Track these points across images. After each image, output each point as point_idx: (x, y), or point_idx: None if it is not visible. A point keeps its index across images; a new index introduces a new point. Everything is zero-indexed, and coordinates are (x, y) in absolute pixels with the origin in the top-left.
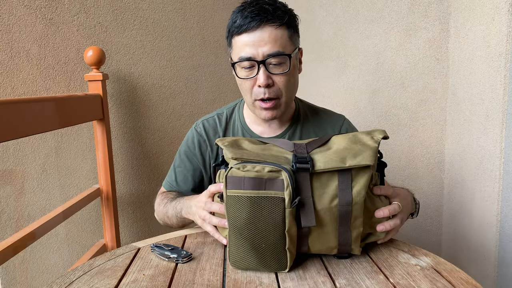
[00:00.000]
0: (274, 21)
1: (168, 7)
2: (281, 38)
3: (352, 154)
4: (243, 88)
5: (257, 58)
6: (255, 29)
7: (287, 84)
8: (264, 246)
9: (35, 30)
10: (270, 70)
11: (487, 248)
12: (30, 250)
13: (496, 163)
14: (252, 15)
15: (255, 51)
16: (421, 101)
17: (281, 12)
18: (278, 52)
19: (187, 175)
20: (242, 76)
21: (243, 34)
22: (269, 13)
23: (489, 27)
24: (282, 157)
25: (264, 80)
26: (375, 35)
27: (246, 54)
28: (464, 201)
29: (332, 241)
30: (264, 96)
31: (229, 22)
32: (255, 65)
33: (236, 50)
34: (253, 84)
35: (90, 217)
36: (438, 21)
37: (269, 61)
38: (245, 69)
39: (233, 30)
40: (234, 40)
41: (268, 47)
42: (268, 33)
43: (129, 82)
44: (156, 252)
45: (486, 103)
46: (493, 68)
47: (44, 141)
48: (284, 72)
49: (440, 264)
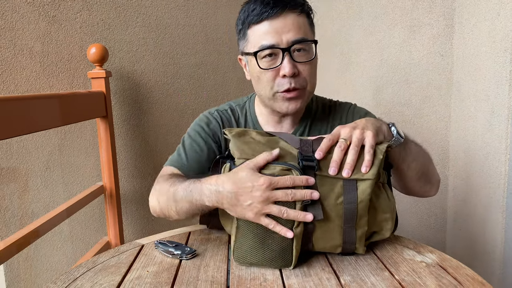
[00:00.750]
0: (296, 8)
1: (171, 4)
2: (303, 25)
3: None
4: (263, 80)
5: (281, 45)
6: (278, 15)
7: (311, 73)
8: (270, 242)
9: (38, 27)
10: (295, 58)
11: (492, 245)
12: (34, 247)
13: (502, 160)
14: (274, 1)
15: (279, 38)
16: (426, 98)
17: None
18: (303, 39)
19: (200, 154)
20: (264, 66)
21: (263, 22)
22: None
23: (494, 22)
24: (288, 153)
25: (290, 68)
26: (379, 31)
27: (269, 42)
28: (469, 198)
29: (337, 239)
30: (290, 86)
31: (242, 13)
32: (278, 54)
33: (254, 40)
34: (275, 74)
35: (93, 215)
36: (442, 17)
37: (294, 48)
38: (266, 60)
39: (250, 19)
40: (251, 30)
41: (292, 34)
42: (291, 19)
43: (132, 80)
44: (160, 248)
45: (492, 99)
46: (498, 64)
47: (48, 138)
48: (309, 60)
49: (446, 261)
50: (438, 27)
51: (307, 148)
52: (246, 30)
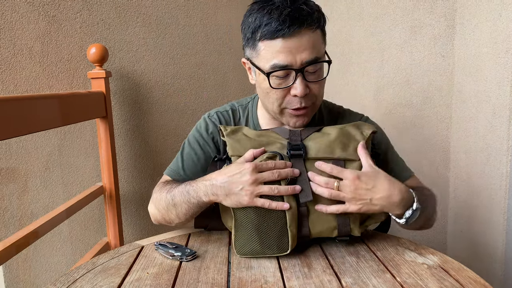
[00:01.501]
0: (312, 24)
1: (171, 4)
2: (317, 43)
3: (341, 146)
4: (272, 96)
5: (294, 66)
6: (294, 34)
7: (321, 90)
8: (265, 226)
9: (37, 27)
10: (307, 78)
11: (493, 247)
12: (33, 248)
13: (503, 161)
14: (292, 19)
15: (293, 59)
16: (426, 99)
17: (317, 13)
18: (316, 59)
19: (197, 163)
20: (275, 85)
21: (278, 39)
22: (308, 15)
23: (496, 23)
24: (277, 143)
25: (302, 90)
26: (380, 32)
27: (282, 61)
28: (470, 199)
29: (331, 221)
30: (300, 106)
31: (252, 21)
32: (290, 73)
33: (266, 56)
34: (286, 92)
35: (93, 215)
36: (443, 17)
37: (307, 69)
38: (277, 78)
39: (264, 33)
40: (263, 44)
41: (307, 54)
42: (306, 38)
43: (132, 80)
44: (160, 250)
45: (493, 100)
46: (500, 65)
47: (47, 139)
48: (319, 80)
49: (448, 263)
50: (439, 27)
51: (295, 137)
52: (257, 42)
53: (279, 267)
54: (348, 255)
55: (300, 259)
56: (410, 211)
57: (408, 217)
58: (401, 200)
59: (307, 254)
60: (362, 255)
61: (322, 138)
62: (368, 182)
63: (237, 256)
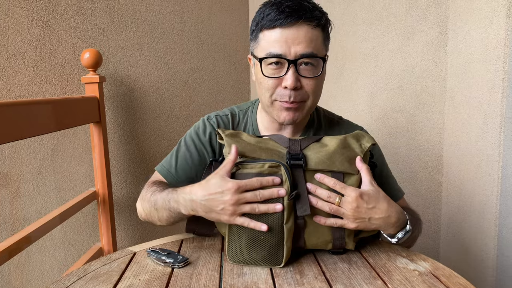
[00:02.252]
0: (312, 20)
1: (166, 9)
2: (316, 40)
3: (341, 159)
4: (264, 86)
5: (288, 57)
6: (291, 25)
7: (315, 89)
8: (262, 238)
9: (31, 32)
10: (300, 72)
11: (486, 252)
12: (26, 253)
13: (495, 167)
14: (290, 10)
15: (287, 49)
16: (419, 104)
17: (319, 12)
18: (312, 54)
19: (191, 165)
20: (267, 73)
21: (276, 29)
22: (308, 11)
23: (487, 30)
24: (276, 152)
25: (292, 82)
26: (373, 38)
27: (276, 50)
28: (462, 205)
29: (327, 234)
30: (288, 100)
31: (258, 14)
32: (284, 64)
33: (263, 45)
34: (278, 83)
35: (86, 220)
36: (436, 24)
37: (301, 61)
38: (271, 67)
39: (264, 23)
40: (262, 34)
41: (302, 47)
42: (304, 31)
43: (126, 85)
44: (152, 256)
45: (485, 106)
46: (491, 72)
47: (40, 143)
48: (314, 76)
49: (439, 269)
50: (432, 34)
51: (295, 147)
52: (258, 33)
53: (271, 274)
54: (340, 262)
55: (292, 265)
56: (402, 232)
57: (400, 237)
58: (396, 221)
59: (299, 260)
60: (354, 261)
61: (322, 149)
62: (370, 201)
63: (229, 263)
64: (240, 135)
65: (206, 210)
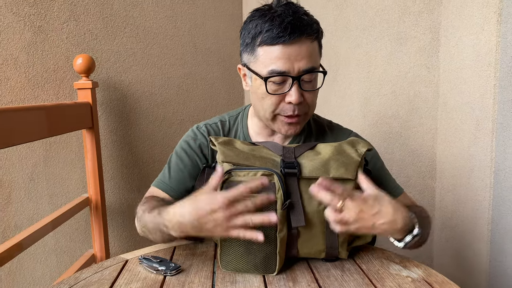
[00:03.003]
0: (312, 34)
1: (160, 15)
2: (314, 53)
3: (336, 165)
4: (267, 102)
5: (292, 74)
6: (294, 42)
7: (314, 100)
8: (255, 248)
9: (23, 37)
10: (302, 87)
11: (479, 257)
12: (17, 261)
13: (487, 172)
14: (293, 27)
15: (291, 66)
16: (412, 110)
17: (316, 24)
18: (313, 69)
19: (184, 173)
20: (271, 90)
21: (278, 45)
22: (308, 26)
23: (479, 37)
24: (270, 160)
25: (297, 98)
26: (366, 43)
27: (280, 68)
28: (455, 210)
29: (320, 244)
30: (293, 113)
31: (253, 27)
32: (286, 80)
33: (265, 62)
34: (281, 99)
35: (78, 227)
36: (428, 30)
37: (303, 77)
38: (274, 84)
39: (264, 38)
40: (262, 50)
41: (304, 62)
42: (305, 46)
43: (120, 90)
44: (144, 264)
45: (477, 112)
46: (483, 78)
47: (32, 149)
48: (314, 89)
49: (432, 276)
50: (425, 40)
51: (289, 155)
52: (256, 47)
53: (264, 281)
54: (333, 269)
55: (285, 273)
56: (410, 236)
57: (408, 241)
58: (403, 226)
59: (292, 268)
60: (347, 268)
61: (317, 156)
62: (374, 206)
63: (222, 270)
64: (233, 143)
65: (197, 231)
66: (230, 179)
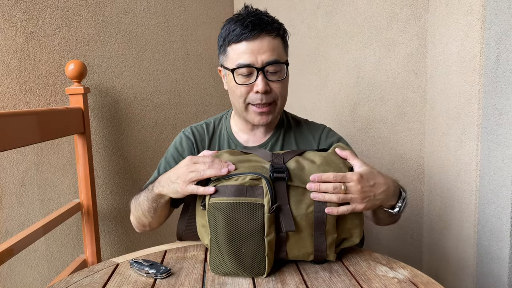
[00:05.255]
0: (272, 32)
1: (151, 21)
2: (278, 48)
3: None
4: (237, 94)
5: (256, 65)
6: (255, 37)
7: (282, 90)
8: (244, 251)
9: (15, 43)
10: (267, 77)
11: (466, 260)
12: (8, 266)
13: (473, 176)
14: (253, 25)
15: (254, 59)
16: (401, 115)
17: (277, 24)
18: (276, 60)
19: None
20: (240, 82)
21: (242, 42)
22: (268, 24)
23: (464, 43)
24: (259, 167)
25: (262, 86)
26: (355, 49)
27: (245, 61)
28: (443, 213)
29: (308, 247)
30: (261, 102)
31: (223, 31)
32: (253, 72)
33: (233, 58)
34: (250, 90)
35: (70, 232)
36: (416, 36)
37: (267, 68)
38: (242, 76)
39: (231, 38)
40: (230, 48)
41: (267, 55)
42: (267, 42)
43: (111, 96)
44: (135, 267)
45: (462, 117)
46: (468, 83)
47: (24, 155)
48: (280, 80)
49: (417, 277)
50: (412, 46)
51: (278, 160)
52: (226, 47)
53: (253, 283)
54: (321, 271)
55: (274, 275)
56: (401, 201)
57: (400, 205)
58: (395, 189)
59: (281, 269)
60: (335, 270)
61: (305, 162)
62: (370, 179)
63: (211, 273)
64: (221, 156)
65: (167, 183)
66: (220, 184)
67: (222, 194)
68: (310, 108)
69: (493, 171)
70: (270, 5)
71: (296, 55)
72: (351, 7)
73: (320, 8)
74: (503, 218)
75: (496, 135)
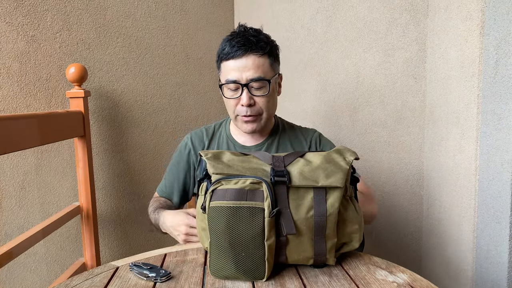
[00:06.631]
0: (257, 51)
1: (152, 25)
2: (263, 65)
3: (325, 174)
4: (228, 106)
5: (241, 82)
6: (240, 56)
7: (266, 104)
8: (244, 255)
9: (16, 47)
10: (252, 92)
11: (465, 264)
12: (7, 270)
13: (472, 180)
14: (239, 45)
15: (240, 76)
16: (400, 119)
17: (263, 43)
18: (259, 77)
19: (174, 182)
20: (228, 96)
21: (230, 60)
22: (253, 44)
23: (463, 48)
24: (260, 169)
25: (246, 100)
26: (355, 54)
27: (232, 77)
28: (442, 218)
29: (308, 251)
30: (246, 113)
31: (219, 49)
32: (239, 87)
33: (224, 73)
34: (237, 102)
35: (69, 235)
36: (415, 41)
37: (251, 84)
38: (231, 90)
39: (222, 56)
40: (222, 64)
41: (251, 73)
42: (251, 60)
43: (112, 99)
44: (135, 271)
45: (462, 121)
46: (467, 88)
47: (24, 158)
48: (264, 95)
49: (417, 281)
50: (411, 51)
51: (279, 163)
52: (220, 63)
53: (253, 287)
54: (321, 275)
55: (274, 279)
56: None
57: None
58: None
59: (281, 273)
60: (335, 274)
61: (306, 165)
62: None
63: (211, 277)
64: (221, 157)
65: (170, 232)
66: (219, 187)
67: (222, 198)
68: (310, 112)
69: (492, 175)
70: (270, 10)
71: (296, 59)
72: (351, 12)
73: (320, 13)
74: (502, 223)
75: (495, 139)
